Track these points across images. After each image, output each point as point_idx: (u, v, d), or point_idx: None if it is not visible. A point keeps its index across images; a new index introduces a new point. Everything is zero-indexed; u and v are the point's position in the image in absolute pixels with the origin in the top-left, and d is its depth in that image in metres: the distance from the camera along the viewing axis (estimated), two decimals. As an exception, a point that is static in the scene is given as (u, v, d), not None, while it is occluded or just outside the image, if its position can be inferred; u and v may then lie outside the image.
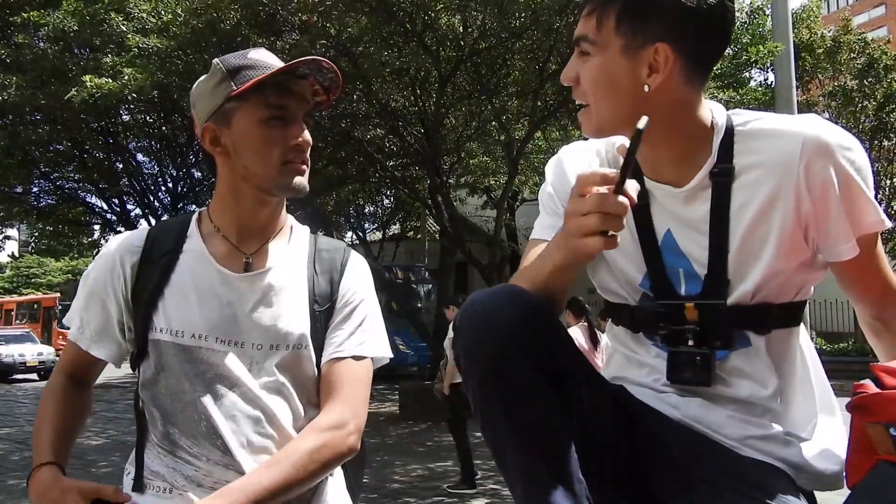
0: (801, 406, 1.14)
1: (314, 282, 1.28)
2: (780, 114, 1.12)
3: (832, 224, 1.06)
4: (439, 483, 5.40)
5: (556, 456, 0.99)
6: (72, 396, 1.28)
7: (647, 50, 1.04)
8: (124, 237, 1.29)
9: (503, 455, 1.02)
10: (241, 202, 1.25)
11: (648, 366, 1.18)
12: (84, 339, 1.26)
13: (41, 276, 37.50)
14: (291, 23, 7.33)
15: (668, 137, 1.09)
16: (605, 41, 1.06)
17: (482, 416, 1.02)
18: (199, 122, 1.26)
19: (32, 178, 12.16)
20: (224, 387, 1.18)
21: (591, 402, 1.07)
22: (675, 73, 1.04)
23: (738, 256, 1.09)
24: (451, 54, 8.13)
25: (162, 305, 1.20)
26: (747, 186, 1.08)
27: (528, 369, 0.99)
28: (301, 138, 1.22)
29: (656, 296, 1.14)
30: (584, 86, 1.09)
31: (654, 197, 1.14)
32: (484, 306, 1.01)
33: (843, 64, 15.33)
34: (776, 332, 1.12)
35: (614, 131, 1.12)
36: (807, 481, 1.09)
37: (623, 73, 1.05)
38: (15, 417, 10.86)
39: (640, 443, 1.12)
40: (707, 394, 1.12)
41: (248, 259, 1.25)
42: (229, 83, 1.20)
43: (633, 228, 1.15)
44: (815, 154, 1.03)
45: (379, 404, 10.29)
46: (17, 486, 5.59)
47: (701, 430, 1.11)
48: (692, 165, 1.10)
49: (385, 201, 17.16)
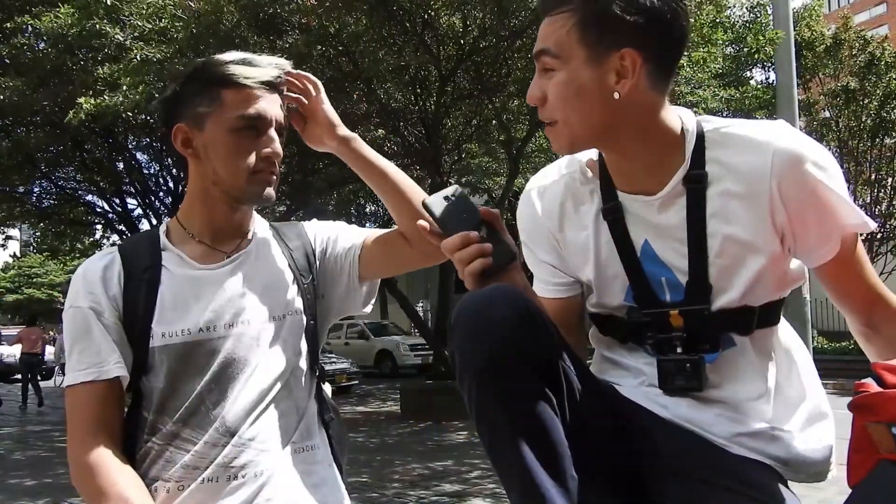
0: (786, 401, 1.15)
1: (293, 258, 1.32)
2: (748, 120, 1.12)
3: (810, 232, 1.08)
4: (439, 482, 5.40)
5: (552, 454, 1.00)
6: (123, 462, 1.14)
7: (613, 57, 1.03)
8: (96, 261, 1.26)
9: (499, 454, 1.02)
10: (212, 205, 1.27)
11: (636, 370, 1.19)
12: (97, 370, 1.17)
13: (43, 275, 37.53)
14: (291, 23, 7.33)
15: (640, 145, 1.09)
16: (569, 53, 1.05)
17: (478, 415, 1.02)
18: (171, 120, 1.26)
19: (33, 178, 12.16)
20: (232, 370, 1.20)
21: (584, 400, 1.07)
22: (643, 77, 1.04)
23: (718, 263, 1.10)
24: (452, 53, 8.13)
25: (158, 315, 1.20)
26: (720, 194, 1.08)
27: (523, 368, 1.00)
28: (271, 149, 1.23)
29: (640, 306, 1.15)
30: (552, 102, 1.08)
31: (628, 209, 1.15)
32: (479, 306, 1.02)
33: (843, 62, 15.31)
34: (758, 332, 1.14)
35: (587, 145, 1.12)
36: (794, 474, 1.12)
37: (591, 83, 1.04)
38: (16, 417, 10.88)
39: (632, 441, 1.12)
40: (696, 395, 1.13)
41: (226, 256, 1.28)
42: (207, 87, 1.22)
43: (611, 243, 1.15)
44: (786, 169, 1.04)
45: (380, 403, 10.30)
46: (17, 485, 5.59)
47: (690, 428, 1.12)
48: (665, 173, 1.10)
49: (386, 201, 17.11)
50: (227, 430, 1.18)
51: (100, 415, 1.16)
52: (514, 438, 0.99)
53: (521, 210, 1.26)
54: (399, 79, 8.31)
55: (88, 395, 1.17)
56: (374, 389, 12.16)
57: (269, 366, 1.23)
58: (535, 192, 1.25)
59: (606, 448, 1.10)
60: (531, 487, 0.98)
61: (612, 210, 1.15)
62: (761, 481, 1.06)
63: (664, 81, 1.08)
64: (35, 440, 8.14)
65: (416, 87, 8.60)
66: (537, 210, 1.24)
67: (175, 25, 6.77)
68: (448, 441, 7.20)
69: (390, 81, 8.33)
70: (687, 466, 1.08)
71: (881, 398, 0.93)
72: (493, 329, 0.99)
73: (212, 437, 1.17)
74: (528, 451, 0.98)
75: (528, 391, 1.00)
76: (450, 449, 6.70)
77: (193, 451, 1.17)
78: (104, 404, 1.17)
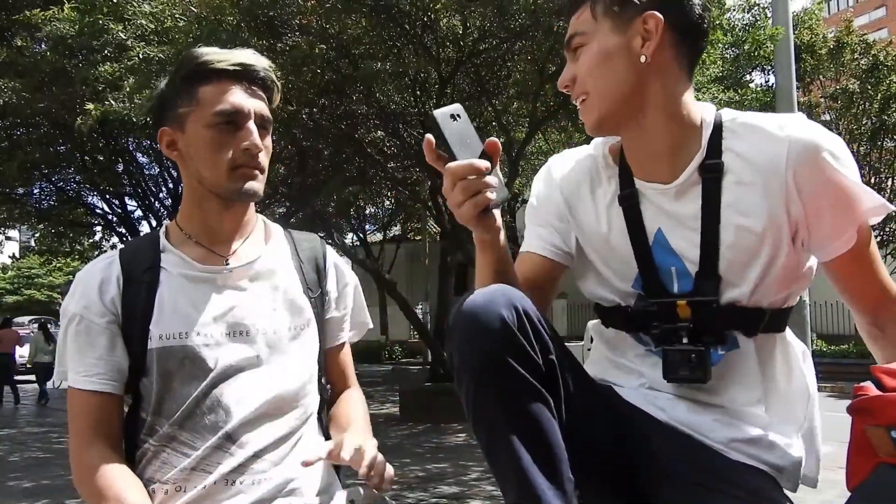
0: (784, 410, 1.15)
1: (302, 270, 1.30)
2: (766, 113, 1.14)
3: (825, 223, 1.07)
4: (438, 484, 5.39)
5: (549, 457, 1.00)
6: (122, 464, 1.15)
7: (637, 22, 1.08)
8: (96, 264, 1.25)
9: (496, 455, 1.02)
10: (204, 207, 1.25)
11: (635, 371, 1.19)
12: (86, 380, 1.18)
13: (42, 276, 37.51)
14: (291, 25, 7.33)
15: (662, 127, 1.11)
16: (595, 27, 1.11)
17: (475, 415, 1.02)
18: (158, 124, 1.26)
19: (33, 179, 12.16)
20: (229, 378, 1.18)
21: (581, 402, 1.07)
22: (666, 43, 1.08)
23: (730, 255, 1.09)
24: (451, 56, 8.13)
25: (157, 316, 1.19)
26: (736, 185, 1.09)
27: (522, 370, 1.00)
28: (250, 141, 1.20)
29: (648, 295, 1.15)
30: (582, 76, 1.12)
31: (645, 196, 1.15)
32: (477, 306, 1.02)
33: (845, 65, 15.32)
34: (763, 336, 1.13)
35: (615, 117, 1.13)
36: (789, 483, 1.12)
37: (617, 49, 1.09)
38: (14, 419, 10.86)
39: (628, 443, 1.12)
40: (694, 399, 1.13)
41: (226, 259, 1.25)
42: (185, 86, 1.21)
43: (624, 230, 1.15)
44: (802, 158, 1.05)
45: (379, 405, 10.29)
46: (16, 486, 5.57)
47: (688, 432, 1.12)
48: (682, 161, 1.11)
49: (386, 203, 17.15)
50: (226, 437, 1.17)
51: (99, 419, 1.18)
52: (511, 439, 0.99)
53: (542, 175, 1.29)
54: (399, 81, 8.31)
55: (87, 401, 1.18)
56: (373, 391, 12.15)
57: (270, 375, 1.21)
58: (561, 160, 1.28)
59: (603, 450, 1.10)
60: (527, 489, 0.98)
61: (629, 196, 1.16)
62: (757, 487, 1.06)
63: (688, 58, 1.12)
64: (32, 441, 8.13)
65: (416, 90, 8.60)
66: (556, 177, 1.26)
67: (177, 26, 6.77)
68: (447, 443, 7.19)
69: (390, 84, 8.33)
70: (683, 470, 1.08)
71: (880, 402, 0.93)
72: (492, 330, 0.99)
73: (211, 442, 1.16)
74: (524, 453, 0.98)
75: (527, 392, 1.00)
76: (448, 451, 6.69)
77: (192, 455, 1.16)
78: (101, 411, 1.18)
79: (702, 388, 1.13)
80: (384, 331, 21.07)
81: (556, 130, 11.31)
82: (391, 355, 20.36)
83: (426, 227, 17.81)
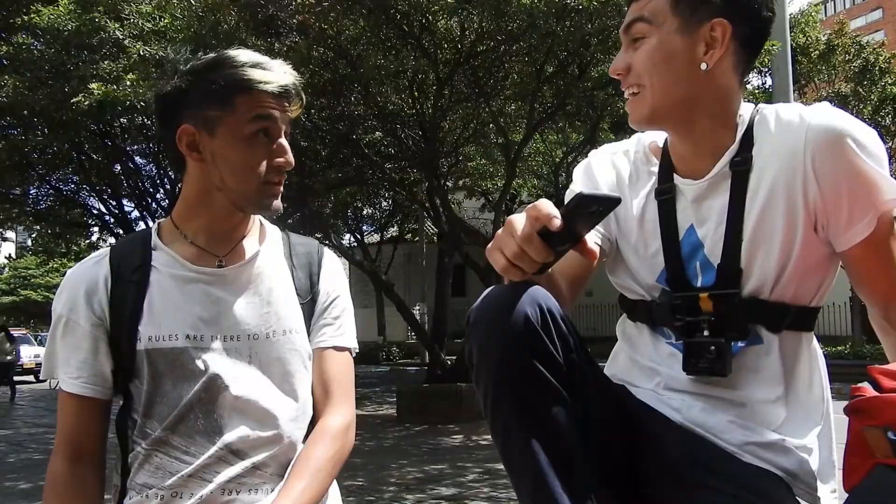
0: (803, 413, 1.12)
1: (294, 275, 1.28)
2: (797, 104, 1.12)
3: (843, 209, 1.05)
4: (435, 486, 5.38)
5: (566, 460, 0.98)
6: (81, 482, 1.15)
7: (704, 27, 1.06)
8: (85, 264, 1.24)
9: (512, 456, 1.00)
10: (211, 209, 1.22)
11: (653, 370, 1.17)
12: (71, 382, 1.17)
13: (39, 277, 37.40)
14: (289, 25, 7.33)
15: (709, 131, 1.11)
16: (662, 20, 1.08)
17: (492, 415, 1.01)
18: (174, 119, 1.19)
19: (30, 180, 12.13)
20: (222, 382, 1.16)
21: (598, 404, 1.06)
22: (728, 54, 1.07)
23: (750, 246, 1.09)
24: (449, 57, 8.13)
25: (146, 317, 1.17)
26: (761, 178, 1.09)
27: (543, 369, 0.98)
28: (284, 159, 1.20)
29: (672, 289, 1.14)
30: (638, 68, 1.10)
31: (681, 192, 1.16)
32: (500, 303, 1.00)
33: (836, 67, 15.35)
34: (788, 334, 1.12)
35: (665, 116, 1.12)
36: (803, 492, 1.09)
37: (680, 51, 1.07)
38: (11, 420, 10.83)
39: (640, 444, 1.11)
40: (710, 395, 1.12)
41: (220, 260, 1.23)
42: (220, 90, 1.15)
43: (656, 224, 1.16)
44: (819, 143, 1.04)
45: (377, 407, 10.27)
46: (12, 487, 5.56)
47: (702, 434, 1.10)
48: (717, 156, 1.12)
49: (383, 204, 17.15)
50: (224, 445, 1.15)
51: (76, 427, 1.18)
52: (528, 441, 0.98)
53: (582, 168, 1.29)
54: (397, 82, 8.31)
55: (70, 404, 1.19)
56: (371, 392, 12.13)
57: (264, 379, 1.20)
58: (601, 156, 1.28)
59: (616, 452, 1.09)
60: (543, 493, 0.97)
61: (666, 191, 1.16)
62: (770, 492, 1.04)
63: (745, 65, 1.11)
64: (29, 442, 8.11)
65: (414, 90, 8.60)
66: (596, 170, 1.26)
67: (175, 25, 6.76)
68: (444, 444, 7.18)
69: (388, 84, 8.32)
70: (696, 473, 1.07)
71: (877, 402, 0.92)
72: (515, 327, 0.97)
73: (207, 449, 1.15)
74: (542, 456, 0.97)
75: (547, 393, 0.99)
76: (446, 452, 6.68)
77: (188, 462, 1.15)
78: (81, 417, 1.19)
79: (720, 383, 1.11)
80: (381, 332, 21.06)
81: (553, 131, 11.33)
82: (388, 356, 20.34)
83: (423, 228, 17.82)
